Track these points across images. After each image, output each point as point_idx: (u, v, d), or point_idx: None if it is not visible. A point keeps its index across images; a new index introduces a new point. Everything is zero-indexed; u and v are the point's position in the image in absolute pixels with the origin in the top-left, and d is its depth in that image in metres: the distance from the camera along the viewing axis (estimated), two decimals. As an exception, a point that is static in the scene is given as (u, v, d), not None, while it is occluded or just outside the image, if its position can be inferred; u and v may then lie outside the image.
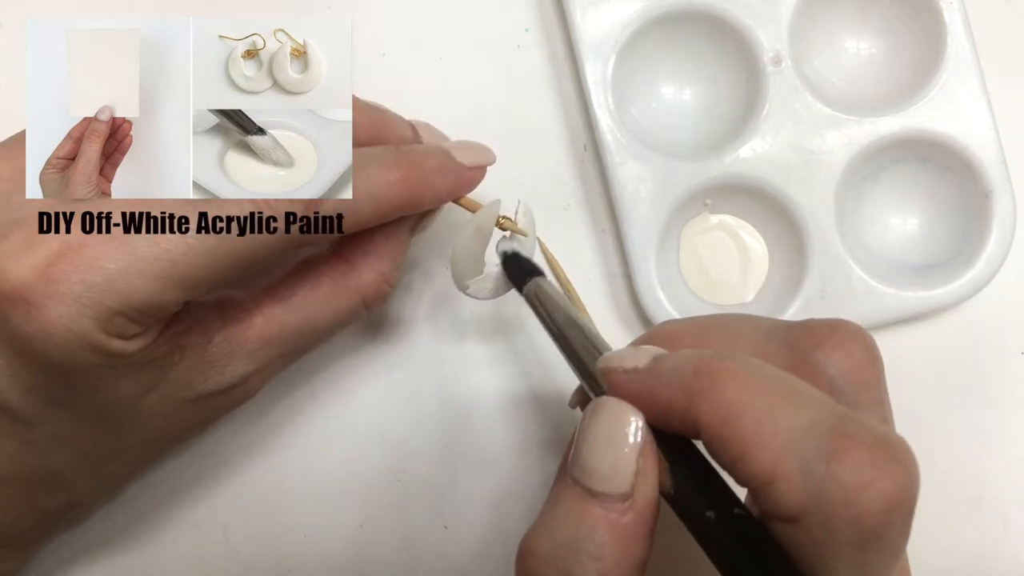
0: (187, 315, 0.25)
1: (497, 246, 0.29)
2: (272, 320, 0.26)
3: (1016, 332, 0.36)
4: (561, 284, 0.34)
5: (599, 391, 0.22)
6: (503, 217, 0.29)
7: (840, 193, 0.33)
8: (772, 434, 0.17)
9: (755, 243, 0.35)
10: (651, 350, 0.21)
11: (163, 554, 0.32)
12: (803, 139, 0.33)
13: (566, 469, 0.20)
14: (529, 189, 0.35)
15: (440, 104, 0.35)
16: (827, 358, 0.20)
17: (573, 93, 0.35)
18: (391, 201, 0.26)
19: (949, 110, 0.33)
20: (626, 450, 0.20)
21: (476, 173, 0.28)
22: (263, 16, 0.35)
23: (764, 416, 0.18)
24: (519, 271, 0.28)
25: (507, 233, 0.30)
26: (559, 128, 0.35)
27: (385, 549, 0.33)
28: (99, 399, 0.24)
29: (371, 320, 0.34)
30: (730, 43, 0.34)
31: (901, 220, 0.35)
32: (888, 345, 0.35)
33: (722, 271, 0.35)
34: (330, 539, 0.33)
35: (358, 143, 0.26)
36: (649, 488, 0.20)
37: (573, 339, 0.24)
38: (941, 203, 0.34)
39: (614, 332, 0.34)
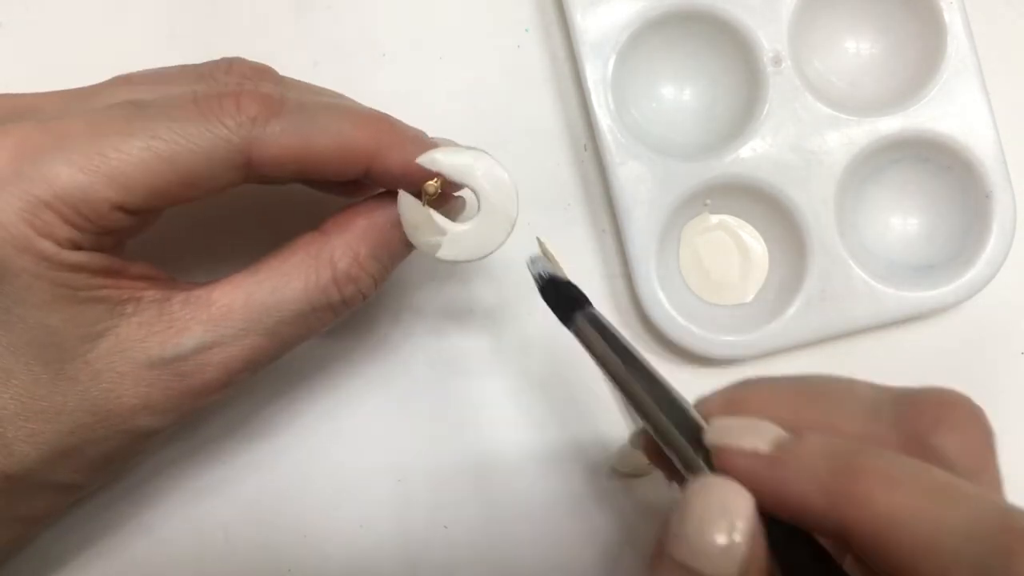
0: (153, 278, 0.25)
1: (529, 264, 0.27)
2: (238, 287, 0.25)
3: (1016, 332, 0.36)
4: (561, 284, 0.34)
5: (686, 455, 0.21)
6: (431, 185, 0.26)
7: (840, 193, 0.33)
8: (936, 540, 0.17)
9: (755, 243, 0.35)
10: (770, 430, 0.20)
11: (163, 554, 0.32)
12: (803, 139, 0.33)
13: (666, 547, 0.19)
14: (529, 189, 0.34)
15: (440, 104, 0.35)
16: (944, 442, 0.19)
17: (573, 93, 0.35)
18: (354, 144, 0.25)
19: (949, 110, 0.33)
20: (738, 533, 0.18)
21: None
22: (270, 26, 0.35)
23: (924, 521, 0.17)
24: (561, 299, 0.25)
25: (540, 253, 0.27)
26: (559, 128, 0.35)
27: (385, 549, 0.33)
28: (39, 327, 0.23)
29: (371, 321, 0.34)
30: (730, 43, 0.34)
31: (901, 220, 0.35)
32: (888, 345, 0.35)
33: (722, 271, 0.35)
34: (330, 539, 0.33)
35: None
36: (761, 570, 0.19)
37: (656, 398, 0.22)
38: (941, 203, 0.34)
39: (614, 332, 0.34)
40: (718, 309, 0.34)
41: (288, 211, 0.31)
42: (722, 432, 0.20)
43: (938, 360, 0.35)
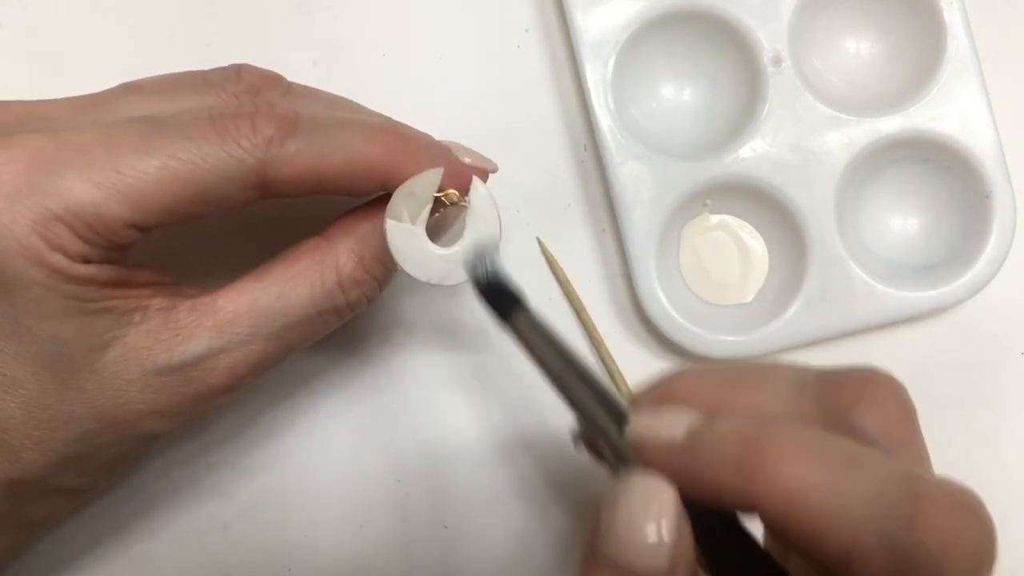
0: (158, 285, 0.25)
1: (465, 263, 0.25)
2: (243, 293, 0.25)
3: (1016, 332, 0.36)
4: (561, 284, 0.34)
5: (617, 449, 0.21)
6: (450, 194, 0.26)
7: (840, 193, 0.33)
8: (843, 509, 0.17)
9: (755, 243, 0.35)
10: (683, 418, 0.20)
11: (163, 553, 0.32)
12: (803, 139, 0.33)
13: (595, 549, 0.20)
14: (529, 189, 0.35)
15: (440, 104, 0.35)
16: (863, 418, 0.20)
17: (573, 93, 0.35)
18: (368, 160, 0.25)
19: (949, 110, 0.33)
20: (664, 525, 0.19)
21: (471, 170, 0.27)
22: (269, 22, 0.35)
23: (830, 490, 0.17)
24: (498, 298, 0.24)
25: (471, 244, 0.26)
26: (559, 128, 0.35)
27: (385, 549, 0.33)
28: (47, 338, 0.23)
29: (372, 323, 0.34)
30: (730, 43, 0.34)
31: (901, 220, 0.35)
32: (888, 345, 0.35)
33: (722, 271, 0.35)
34: (330, 539, 0.33)
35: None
36: (687, 561, 0.19)
37: (578, 389, 0.22)
38: (941, 203, 0.34)
39: (614, 332, 0.34)
40: (718, 309, 0.34)
41: (291, 214, 0.31)
42: (640, 427, 0.20)
43: (938, 360, 0.35)
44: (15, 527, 0.26)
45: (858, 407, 0.20)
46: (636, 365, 0.34)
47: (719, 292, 0.35)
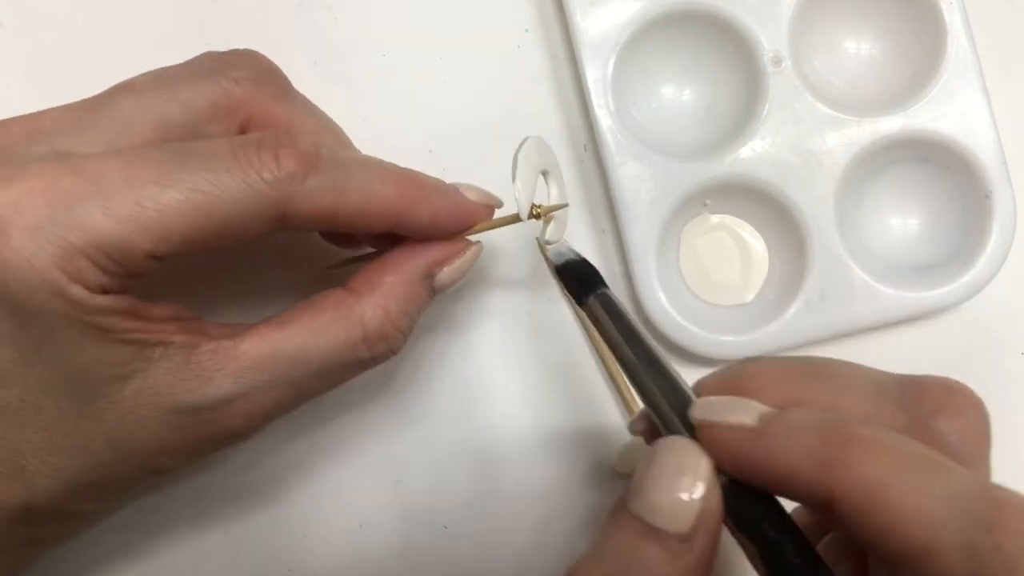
0: (182, 320, 0.25)
1: (549, 251, 0.28)
2: (266, 340, 0.25)
3: (1016, 332, 0.36)
4: (562, 285, 0.34)
5: (673, 429, 0.22)
6: (535, 205, 0.28)
7: (840, 193, 0.33)
8: (924, 506, 0.17)
9: (755, 243, 0.35)
10: (755, 406, 0.20)
11: (163, 553, 0.32)
12: (803, 139, 0.33)
13: (625, 501, 0.20)
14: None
15: (440, 104, 0.35)
16: (949, 426, 0.20)
17: (573, 93, 0.35)
18: (383, 201, 0.25)
19: (949, 110, 0.33)
20: (693, 491, 0.20)
21: (478, 207, 0.28)
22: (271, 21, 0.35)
23: (912, 488, 0.17)
24: (579, 281, 0.26)
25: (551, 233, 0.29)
26: (559, 128, 0.35)
27: (385, 549, 0.33)
28: (67, 364, 0.23)
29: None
30: (730, 43, 0.34)
31: (901, 220, 0.35)
32: (888, 345, 0.35)
33: (722, 271, 0.35)
34: (330, 539, 0.33)
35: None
36: (710, 532, 0.20)
37: (651, 372, 0.23)
38: (941, 203, 0.34)
39: (614, 332, 0.34)
40: (718, 309, 0.34)
41: (306, 245, 0.31)
42: (707, 409, 0.21)
43: (938, 360, 0.35)
44: (24, 547, 0.26)
45: (943, 415, 0.20)
46: (636, 365, 0.34)
47: (719, 292, 0.35)
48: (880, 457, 0.18)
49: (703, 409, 0.21)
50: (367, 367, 0.27)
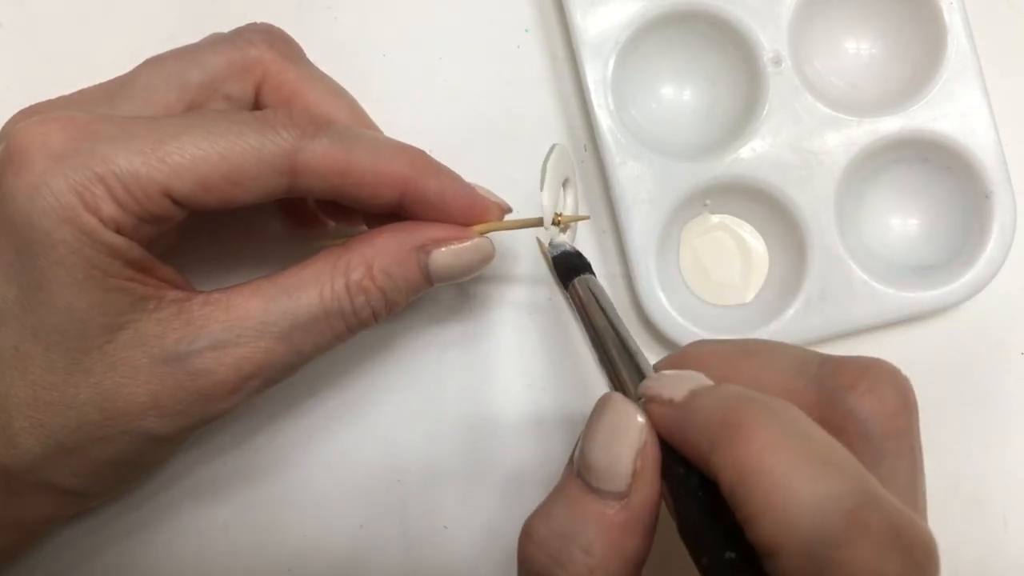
0: (178, 282, 0.25)
1: (548, 242, 0.31)
2: (256, 292, 0.26)
3: (1016, 332, 0.36)
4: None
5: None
6: (557, 214, 0.29)
7: (840, 193, 0.33)
8: (783, 505, 0.17)
9: (755, 243, 0.35)
10: (689, 381, 0.21)
11: (163, 553, 0.32)
12: (803, 139, 0.33)
13: (571, 463, 0.21)
14: (529, 190, 0.34)
15: (440, 104, 0.35)
16: (858, 402, 0.20)
17: (573, 93, 0.35)
18: (392, 166, 0.26)
19: (949, 110, 0.33)
20: (625, 450, 0.20)
21: (488, 201, 0.28)
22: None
23: (779, 484, 0.17)
24: (568, 267, 0.29)
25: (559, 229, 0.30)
26: (559, 128, 0.35)
27: (385, 549, 0.33)
28: (64, 306, 0.23)
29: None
30: (730, 43, 0.34)
31: (901, 220, 0.35)
32: (888, 345, 0.35)
33: (722, 271, 0.35)
34: (330, 539, 0.33)
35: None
36: (647, 491, 0.20)
37: (612, 346, 0.24)
38: (941, 203, 0.34)
39: (614, 332, 0.34)
40: (718, 309, 0.34)
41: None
42: (652, 382, 0.21)
43: (938, 360, 0.35)
44: (9, 528, 0.26)
45: (854, 391, 0.20)
46: (636, 365, 0.34)
47: (719, 292, 0.35)
48: (762, 445, 0.18)
49: (651, 383, 0.21)
50: (353, 326, 0.27)
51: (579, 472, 0.21)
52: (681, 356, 0.24)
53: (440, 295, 0.34)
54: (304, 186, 0.25)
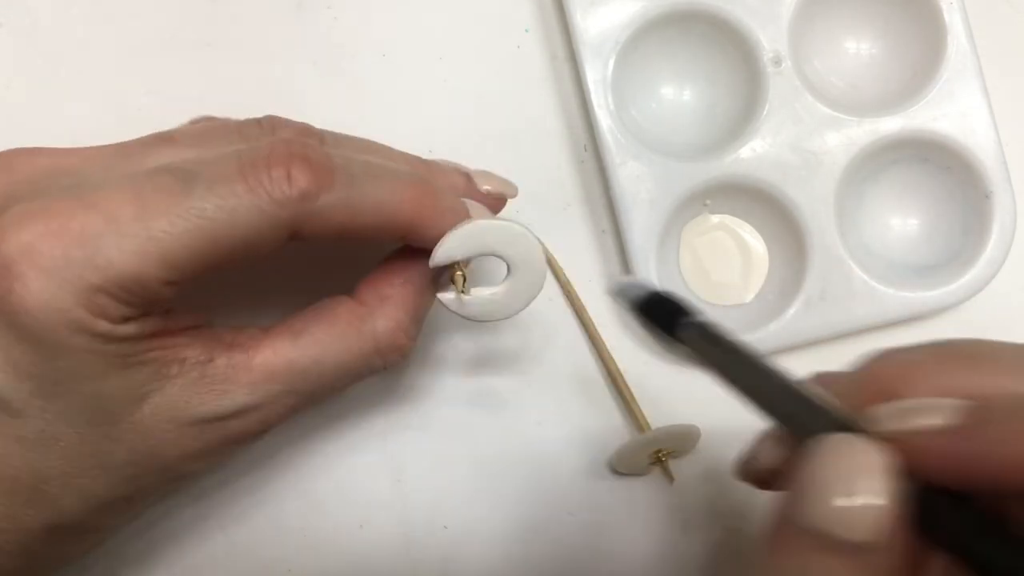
0: (194, 332, 0.25)
1: (612, 288, 0.27)
2: (279, 353, 0.26)
3: (1016, 332, 0.36)
4: (561, 284, 0.34)
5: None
6: (459, 266, 0.27)
7: (840, 193, 0.33)
8: None
9: (755, 243, 0.35)
10: (946, 403, 0.18)
11: (163, 553, 0.32)
12: (803, 139, 0.33)
13: (790, 515, 0.18)
14: (529, 189, 0.34)
15: (440, 104, 0.35)
16: None
17: (573, 94, 0.35)
18: (395, 215, 0.25)
19: (949, 110, 0.33)
20: (874, 492, 0.17)
21: (492, 202, 0.28)
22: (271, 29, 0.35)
23: None
24: (663, 312, 0.24)
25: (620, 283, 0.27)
26: (559, 128, 0.35)
27: (385, 549, 0.33)
28: (88, 395, 0.23)
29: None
30: (730, 43, 0.34)
31: (901, 220, 0.35)
32: (888, 345, 0.35)
33: (722, 271, 0.35)
34: (330, 539, 0.33)
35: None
36: (899, 537, 0.17)
37: (786, 397, 0.20)
38: (941, 203, 0.34)
39: (614, 333, 0.34)
40: (718, 309, 0.34)
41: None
42: (898, 417, 0.18)
43: (938, 360, 0.35)
44: (51, 563, 0.27)
45: None
46: (636, 365, 0.34)
47: (719, 292, 0.35)
48: None
49: (890, 419, 0.18)
50: (378, 372, 0.28)
51: (811, 524, 0.17)
52: (873, 375, 0.20)
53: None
54: (304, 240, 0.25)
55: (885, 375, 0.20)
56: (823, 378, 0.21)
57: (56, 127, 0.33)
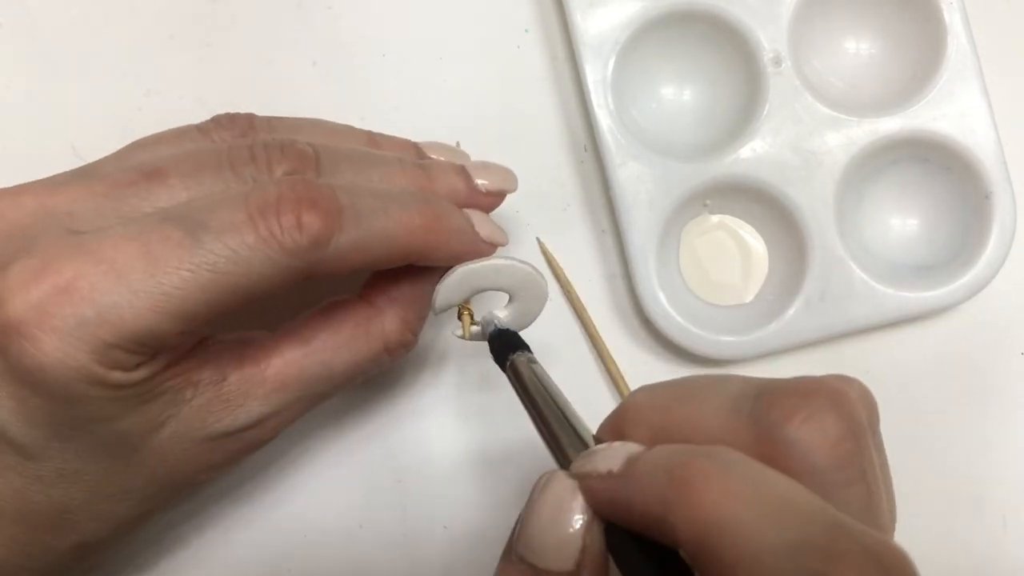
0: (203, 351, 0.25)
1: (483, 320, 0.28)
2: (291, 363, 0.26)
3: (1016, 332, 0.36)
4: (561, 284, 0.34)
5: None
6: (464, 307, 0.28)
7: (840, 193, 0.33)
8: (756, 556, 0.16)
9: (755, 243, 0.35)
10: (625, 450, 0.19)
11: (163, 555, 0.32)
12: (803, 139, 0.33)
13: (510, 547, 0.20)
14: (529, 190, 0.34)
15: (440, 105, 0.35)
16: (797, 434, 0.18)
17: (573, 94, 0.35)
18: (405, 247, 0.25)
19: (949, 110, 0.33)
20: (571, 527, 0.19)
21: (491, 248, 0.28)
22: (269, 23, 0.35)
23: (745, 536, 0.16)
24: (502, 347, 0.27)
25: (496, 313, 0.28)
26: (559, 129, 0.35)
27: (385, 549, 0.33)
28: (106, 433, 0.23)
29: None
30: (730, 44, 0.34)
31: (901, 220, 0.35)
32: (888, 345, 0.35)
33: (722, 272, 0.35)
34: (330, 539, 0.33)
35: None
36: (594, 567, 0.19)
37: (553, 428, 0.23)
38: (941, 203, 0.34)
39: (614, 332, 0.34)
40: (718, 309, 0.34)
41: None
42: (583, 461, 0.20)
43: (938, 360, 0.35)
44: (75, 571, 0.27)
45: (791, 423, 0.19)
46: (636, 365, 0.34)
47: (719, 292, 0.35)
48: (717, 497, 0.17)
49: (580, 462, 0.20)
50: (384, 367, 0.28)
51: (522, 556, 0.19)
52: (620, 412, 0.22)
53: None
54: (316, 279, 0.25)
55: (622, 415, 0.22)
56: (601, 424, 0.23)
57: (56, 127, 0.33)
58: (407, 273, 0.27)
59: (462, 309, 0.28)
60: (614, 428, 0.22)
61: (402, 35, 0.35)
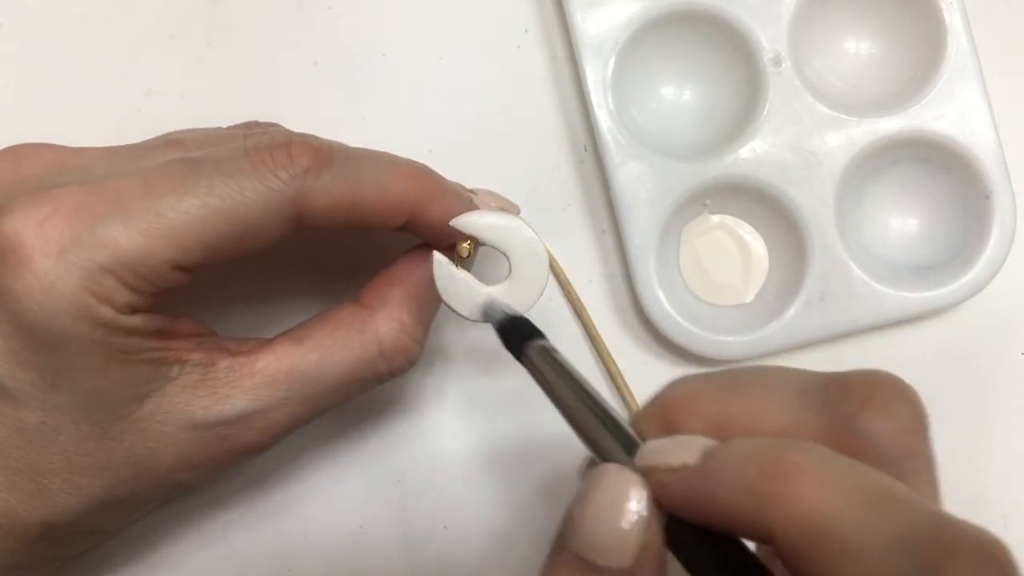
0: (199, 338, 0.25)
1: (485, 307, 0.26)
2: (282, 358, 0.26)
3: (1016, 332, 0.36)
4: (561, 284, 0.34)
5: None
6: (461, 248, 0.27)
7: (840, 193, 0.33)
8: (863, 547, 0.16)
9: (755, 243, 0.35)
10: (697, 441, 0.19)
11: (163, 554, 0.32)
12: (803, 139, 0.33)
13: (561, 542, 0.19)
14: (529, 190, 0.35)
15: (440, 104, 0.35)
16: (872, 424, 0.18)
17: (573, 94, 0.35)
18: (398, 194, 0.25)
19: (949, 110, 0.33)
20: (630, 522, 0.18)
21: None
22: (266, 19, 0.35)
23: (851, 527, 0.16)
24: (515, 335, 0.25)
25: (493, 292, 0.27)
26: (559, 129, 0.35)
27: (385, 549, 0.33)
28: (89, 388, 0.23)
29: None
30: (730, 44, 0.34)
31: (901, 220, 0.35)
32: (888, 345, 0.35)
33: (722, 272, 0.35)
34: (330, 539, 0.33)
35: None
36: (654, 563, 0.19)
37: (590, 419, 0.22)
38: (941, 203, 0.34)
39: (614, 332, 0.34)
40: (718, 309, 0.34)
41: (323, 247, 0.31)
42: (650, 454, 0.19)
43: (938, 360, 0.35)
44: (45, 564, 0.27)
45: (866, 412, 0.19)
46: (636, 365, 0.34)
47: (719, 292, 0.35)
48: (818, 490, 0.16)
49: (646, 455, 0.19)
50: (385, 380, 0.28)
51: (577, 552, 0.19)
52: (665, 403, 0.21)
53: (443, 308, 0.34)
54: (310, 224, 0.25)
55: (669, 406, 0.21)
56: (638, 414, 0.22)
57: (56, 127, 0.33)
58: (403, 276, 0.27)
59: (466, 239, 0.27)
60: (662, 419, 0.21)
61: (402, 35, 0.35)
